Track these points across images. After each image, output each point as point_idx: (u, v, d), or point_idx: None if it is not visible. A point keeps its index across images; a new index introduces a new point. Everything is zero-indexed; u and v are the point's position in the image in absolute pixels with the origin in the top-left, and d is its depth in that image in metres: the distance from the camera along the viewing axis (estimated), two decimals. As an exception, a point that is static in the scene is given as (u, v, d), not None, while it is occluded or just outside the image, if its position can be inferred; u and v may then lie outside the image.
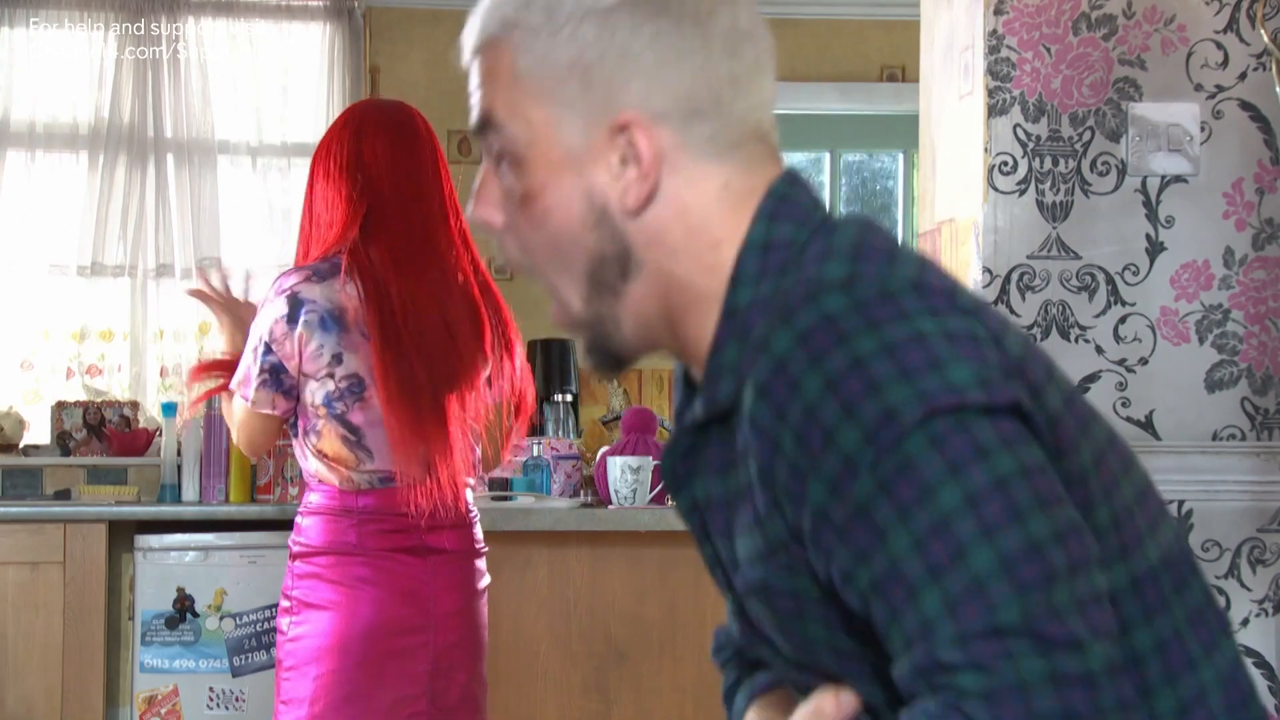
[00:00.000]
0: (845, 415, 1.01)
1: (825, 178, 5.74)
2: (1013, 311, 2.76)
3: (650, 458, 3.97)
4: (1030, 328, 2.77)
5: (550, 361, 5.13)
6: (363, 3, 5.39)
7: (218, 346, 3.00)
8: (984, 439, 1.00)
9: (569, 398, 5.12)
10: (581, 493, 4.14)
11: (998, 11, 2.76)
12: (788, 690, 1.24)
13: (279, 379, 2.77)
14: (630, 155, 1.13)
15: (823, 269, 1.07)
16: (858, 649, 1.08)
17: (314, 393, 2.77)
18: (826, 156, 5.73)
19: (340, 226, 2.76)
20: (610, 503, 3.95)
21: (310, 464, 2.83)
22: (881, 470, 1.00)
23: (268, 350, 2.76)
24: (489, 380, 2.90)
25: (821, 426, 1.01)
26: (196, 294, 3.01)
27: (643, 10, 1.12)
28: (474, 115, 1.19)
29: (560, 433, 4.93)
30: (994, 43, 2.76)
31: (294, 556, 2.83)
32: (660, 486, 3.97)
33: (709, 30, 1.13)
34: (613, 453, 4.01)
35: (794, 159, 5.80)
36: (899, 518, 0.99)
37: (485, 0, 1.20)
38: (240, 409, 2.84)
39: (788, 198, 1.14)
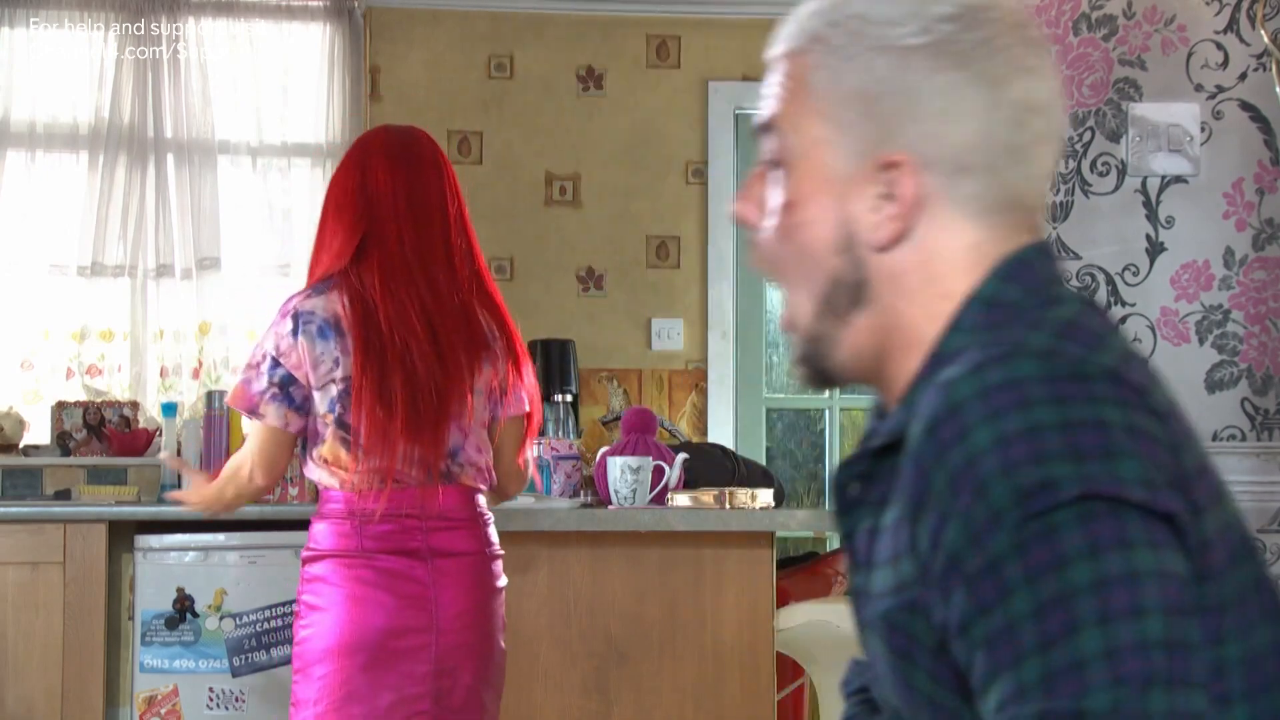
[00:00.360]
0: (1004, 473, 1.02)
1: (825, 178, 5.75)
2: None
3: (650, 458, 3.96)
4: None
5: (550, 361, 5.13)
6: (363, 3, 5.39)
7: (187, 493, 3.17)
8: (1132, 533, 1.00)
9: (569, 398, 5.12)
10: (581, 493, 4.14)
11: None
12: None
13: (289, 393, 2.85)
14: (891, 193, 1.15)
15: (1028, 335, 1.08)
16: (958, 710, 1.09)
17: (320, 402, 2.85)
18: (826, 157, 5.73)
19: (335, 254, 2.89)
20: (610, 503, 3.95)
21: (315, 473, 2.89)
22: (1024, 532, 1.01)
23: (275, 364, 2.85)
24: (497, 395, 2.98)
25: (978, 476, 1.02)
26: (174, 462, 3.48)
27: (943, 60, 1.14)
28: (761, 114, 1.22)
29: (560, 433, 4.93)
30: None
31: (303, 562, 2.90)
32: (660, 487, 3.97)
33: (1000, 96, 1.14)
34: (613, 453, 4.01)
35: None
36: (1027, 581, 1.00)
37: (804, 8, 1.22)
38: (253, 436, 2.91)
39: (1029, 264, 1.15)
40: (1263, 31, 2.63)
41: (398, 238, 2.89)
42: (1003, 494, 1.01)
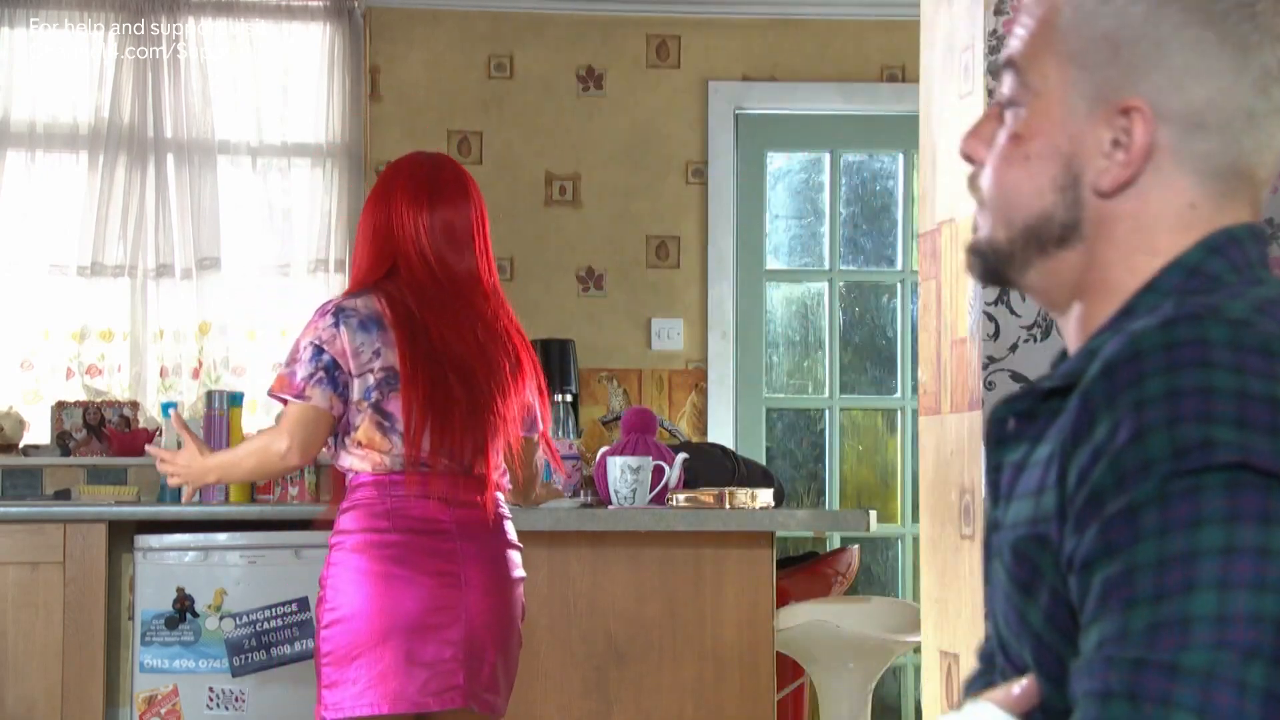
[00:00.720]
0: (1168, 424, 1.03)
1: (825, 178, 5.75)
2: (1013, 312, 2.77)
3: (650, 458, 3.97)
4: (1031, 328, 2.77)
5: (550, 361, 5.13)
6: (363, 3, 5.39)
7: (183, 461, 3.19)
8: (1275, 509, 1.00)
9: (569, 398, 5.12)
10: (581, 493, 4.14)
11: (998, 11, 2.76)
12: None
13: (334, 376, 2.98)
14: (1124, 140, 1.15)
15: (1226, 303, 1.08)
16: (1061, 649, 1.10)
17: (356, 389, 2.98)
18: (826, 157, 5.73)
19: (367, 272, 3.09)
20: (610, 503, 3.95)
21: (346, 459, 3.02)
22: (1171, 486, 1.02)
23: (319, 351, 2.99)
24: (531, 415, 3.18)
25: (1141, 423, 1.03)
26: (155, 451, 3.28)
27: (1196, 14, 1.15)
28: (1006, 51, 1.23)
29: (560, 433, 4.93)
30: (994, 43, 2.76)
31: (332, 548, 3.00)
32: (660, 487, 3.97)
33: (1248, 60, 1.15)
34: (612, 453, 4.01)
35: (794, 159, 5.81)
36: (1159, 532, 1.01)
37: None
38: (292, 418, 2.99)
39: (1239, 241, 1.16)
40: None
41: (426, 268, 3.04)
42: (1161, 444, 1.02)
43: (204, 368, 5.27)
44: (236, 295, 5.30)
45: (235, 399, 4.77)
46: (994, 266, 1.22)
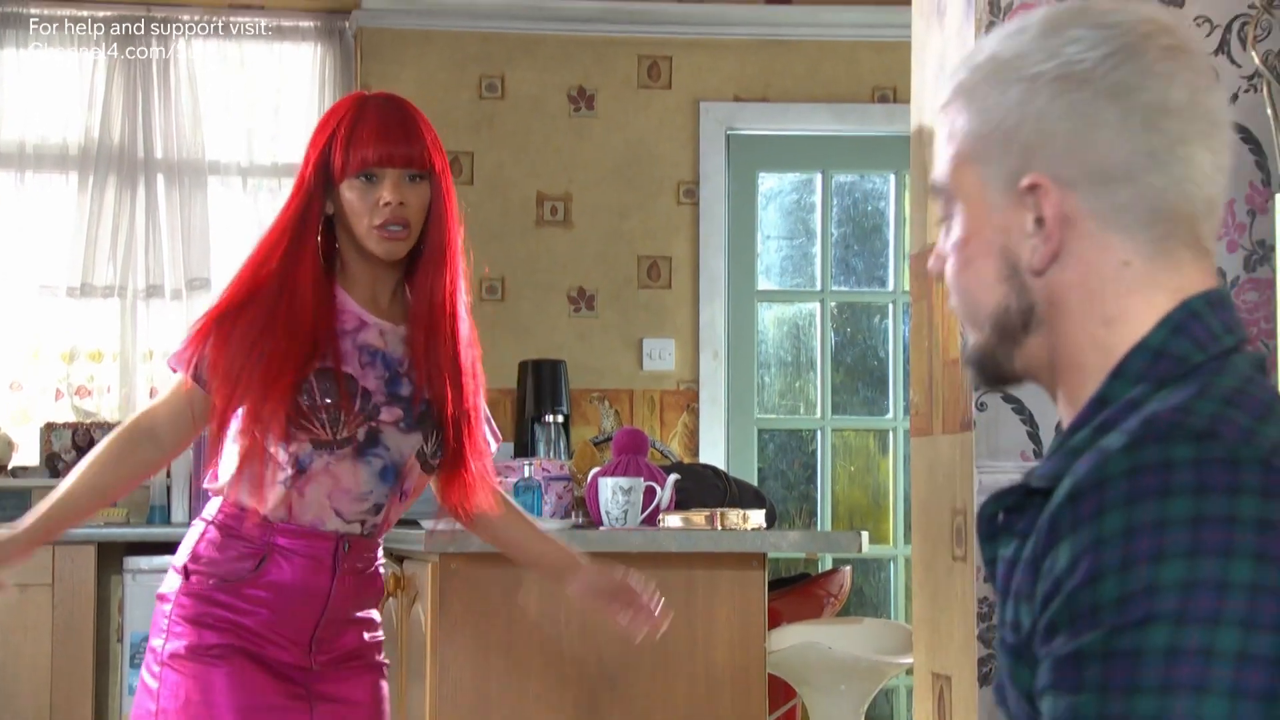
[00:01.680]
0: (1120, 570, 1.06)
1: (817, 198, 5.75)
2: (1004, 333, 2.77)
3: (641, 479, 3.95)
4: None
5: (541, 382, 5.12)
6: (354, 23, 5.39)
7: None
8: (1221, 642, 1.04)
9: (560, 419, 5.11)
10: (573, 514, 4.13)
11: (989, 32, 2.76)
12: None
13: None
14: (1039, 216, 1.20)
15: (1196, 404, 1.12)
16: None
17: None
18: (818, 177, 5.73)
19: None
20: (601, 524, 3.94)
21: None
22: (1114, 642, 1.06)
23: None
24: None
25: (1097, 564, 1.07)
26: None
27: (1066, 81, 1.20)
28: (931, 176, 1.32)
29: (551, 453, 4.92)
30: (985, 64, 2.76)
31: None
32: (651, 508, 3.96)
33: (1130, 103, 1.18)
34: (604, 474, 4.00)
35: (786, 180, 5.81)
36: (1100, 688, 1.06)
37: (956, 66, 1.30)
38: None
39: (1200, 316, 1.18)
40: (1254, 53, 2.63)
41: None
42: (1110, 590, 1.06)
43: (194, 388, 5.25)
44: None
45: (225, 420, 4.75)
46: (988, 370, 1.28)
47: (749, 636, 3.85)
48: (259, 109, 5.39)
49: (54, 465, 4.95)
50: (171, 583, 2.55)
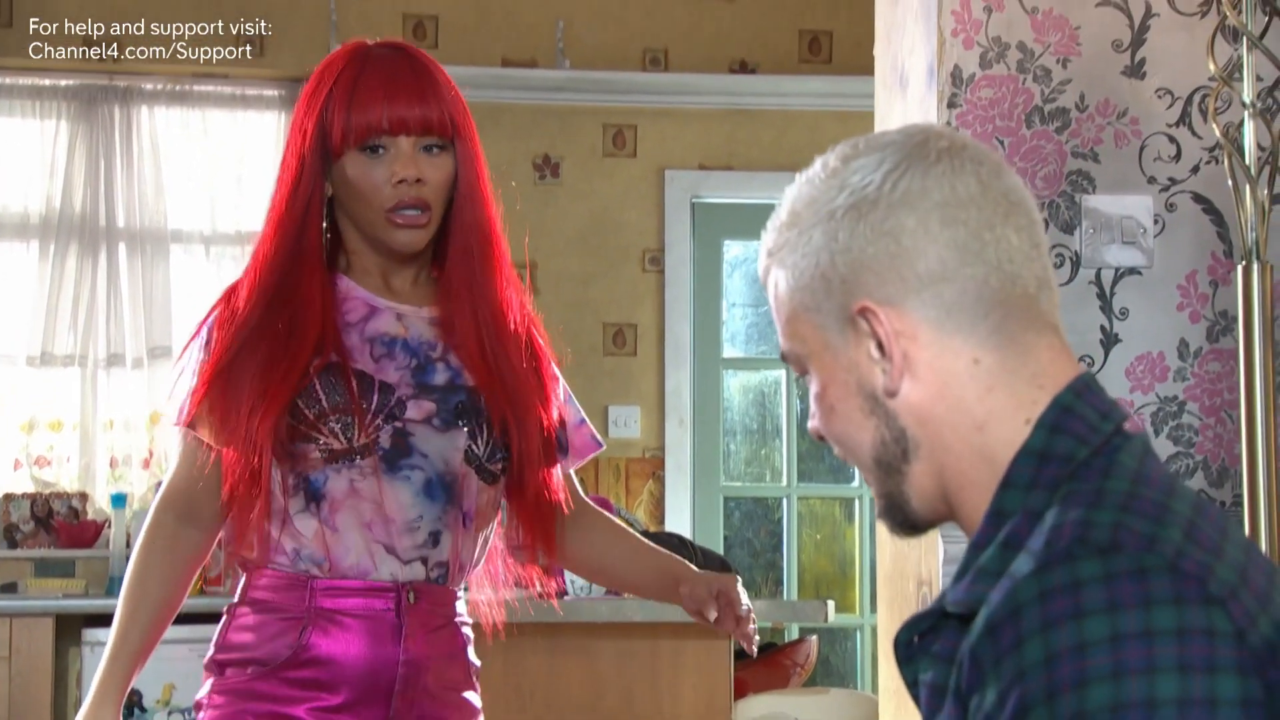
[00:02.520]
0: (1046, 698, 1.06)
1: (781, 266, 5.76)
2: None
3: (606, 549, 3.93)
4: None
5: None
6: (319, 92, 5.39)
7: None
8: None
9: (525, 487, 5.08)
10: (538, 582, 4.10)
11: (951, 104, 2.77)
12: None
13: None
14: (877, 339, 1.22)
15: (1092, 515, 1.11)
16: None
17: None
18: (783, 245, 5.75)
19: None
20: (566, 593, 3.91)
21: None
22: None
23: None
24: None
25: (1024, 698, 1.07)
26: None
27: (857, 210, 1.22)
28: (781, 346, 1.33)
29: (516, 523, 4.89)
30: (948, 135, 2.77)
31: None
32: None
33: (923, 207, 1.21)
34: (568, 544, 3.97)
35: (751, 247, 5.82)
36: None
37: (764, 233, 1.32)
38: None
39: (1072, 410, 1.19)
40: (1214, 125, 2.65)
41: None
42: None
43: (155, 458, 5.21)
44: (189, 384, 5.24)
45: (186, 489, 4.71)
46: (897, 518, 1.27)
47: (715, 707, 3.82)
48: (222, 177, 5.38)
49: (12, 536, 4.90)
50: (203, 686, 2.06)
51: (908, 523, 1.27)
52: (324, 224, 2.08)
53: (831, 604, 4.00)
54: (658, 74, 5.61)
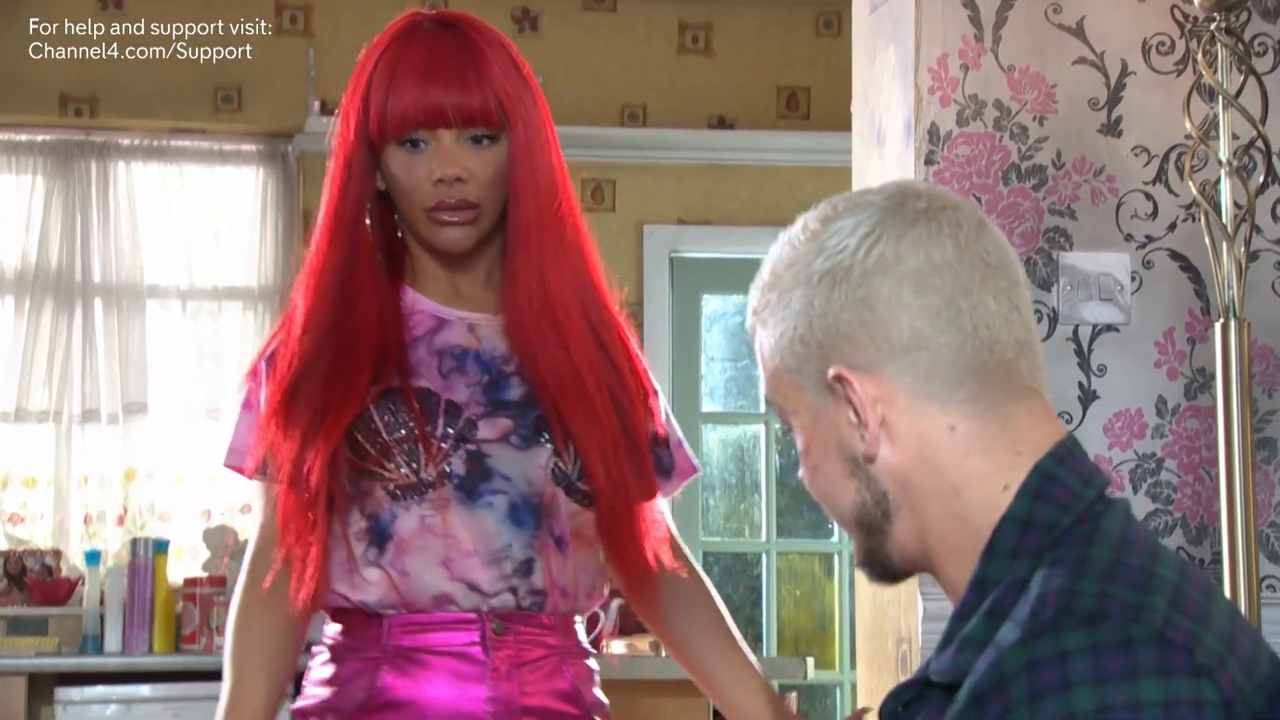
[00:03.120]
0: None
1: (760, 321, 5.76)
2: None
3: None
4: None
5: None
6: (297, 147, 5.39)
7: None
8: None
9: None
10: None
11: (928, 161, 2.77)
12: None
13: None
14: (853, 404, 1.21)
15: (1076, 586, 1.11)
16: None
17: None
18: (761, 299, 5.75)
19: None
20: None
21: None
22: None
23: None
24: None
25: None
26: None
27: (833, 275, 1.22)
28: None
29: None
30: (925, 192, 2.77)
31: None
32: (595, 634, 3.90)
33: (896, 275, 1.20)
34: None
35: (729, 302, 5.82)
36: None
37: (751, 291, 1.32)
38: None
39: (1054, 477, 1.18)
40: (1191, 183, 2.66)
41: None
42: None
43: (129, 514, 5.18)
44: (164, 440, 5.22)
45: (161, 546, 4.69)
46: (877, 570, 1.27)
47: (693, 766, 3.79)
48: (199, 232, 5.37)
49: (-15, 593, 4.85)
50: None
51: (887, 574, 1.27)
52: (369, 221, 1.89)
53: (811, 660, 3.98)
54: (636, 129, 5.62)
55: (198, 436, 5.22)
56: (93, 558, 4.76)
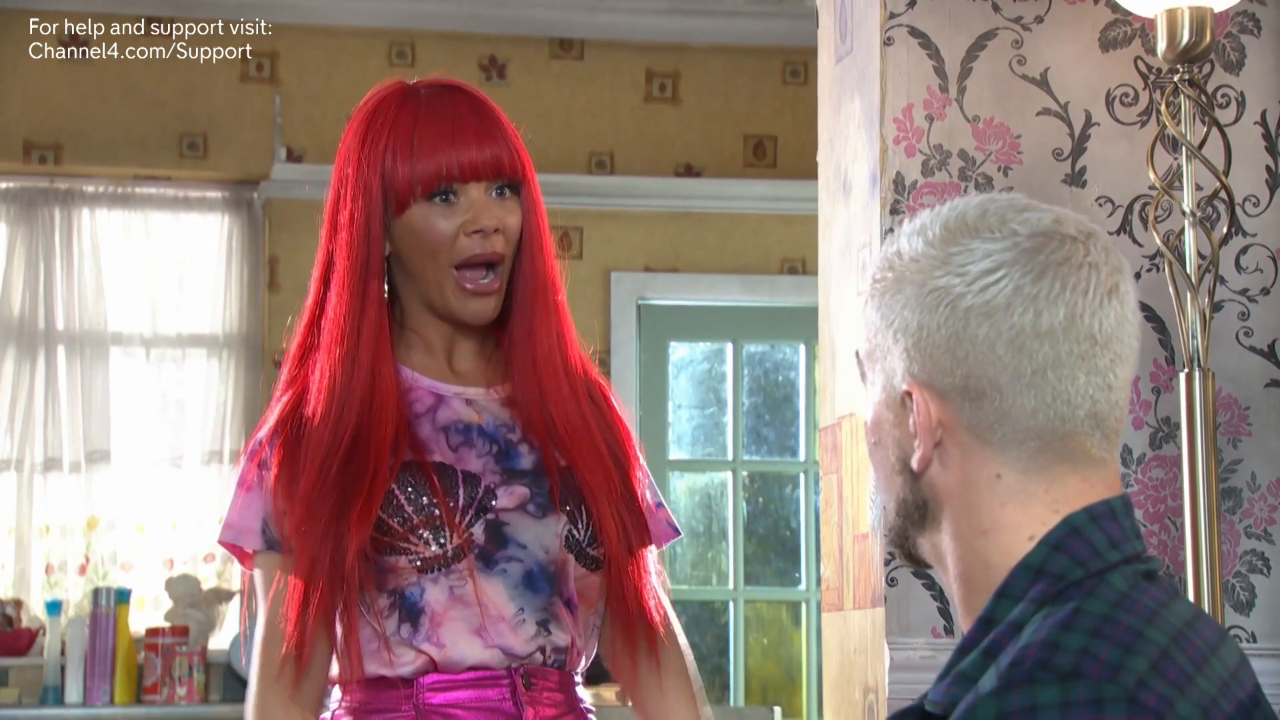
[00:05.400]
0: None
1: (728, 368, 5.75)
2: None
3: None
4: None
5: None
6: (262, 194, 5.38)
7: None
8: None
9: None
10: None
11: (894, 211, 2.78)
12: None
13: None
14: (915, 419, 1.22)
15: (1059, 639, 1.11)
16: None
17: None
18: (729, 347, 5.74)
19: None
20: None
21: None
22: None
23: None
24: None
25: None
26: None
27: (943, 294, 1.20)
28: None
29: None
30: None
31: None
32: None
33: (999, 325, 1.18)
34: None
35: (697, 349, 5.82)
36: None
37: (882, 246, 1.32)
38: None
39: (1080, 532, 1.18)
40: (1155, 233, 2.67)
41: None
42: None
43: (91, 564, 5.13)
44: (126, 489, 5.18)
45: (123, 596, 4.65)
46: (902, 550, 1.29)
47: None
48: (163, 279, 5.34)
49: (-56, 644, 4.80)
50: None
51: (912, 559, 1.29)
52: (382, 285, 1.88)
53: (778, 710, 3.96)
54: (604, 176, 5.62)
55: (161, 485, 5.19)
56: (54, 608, 4.71)
